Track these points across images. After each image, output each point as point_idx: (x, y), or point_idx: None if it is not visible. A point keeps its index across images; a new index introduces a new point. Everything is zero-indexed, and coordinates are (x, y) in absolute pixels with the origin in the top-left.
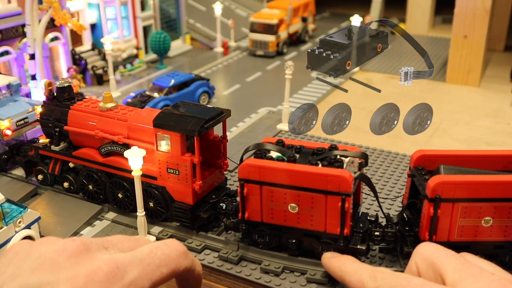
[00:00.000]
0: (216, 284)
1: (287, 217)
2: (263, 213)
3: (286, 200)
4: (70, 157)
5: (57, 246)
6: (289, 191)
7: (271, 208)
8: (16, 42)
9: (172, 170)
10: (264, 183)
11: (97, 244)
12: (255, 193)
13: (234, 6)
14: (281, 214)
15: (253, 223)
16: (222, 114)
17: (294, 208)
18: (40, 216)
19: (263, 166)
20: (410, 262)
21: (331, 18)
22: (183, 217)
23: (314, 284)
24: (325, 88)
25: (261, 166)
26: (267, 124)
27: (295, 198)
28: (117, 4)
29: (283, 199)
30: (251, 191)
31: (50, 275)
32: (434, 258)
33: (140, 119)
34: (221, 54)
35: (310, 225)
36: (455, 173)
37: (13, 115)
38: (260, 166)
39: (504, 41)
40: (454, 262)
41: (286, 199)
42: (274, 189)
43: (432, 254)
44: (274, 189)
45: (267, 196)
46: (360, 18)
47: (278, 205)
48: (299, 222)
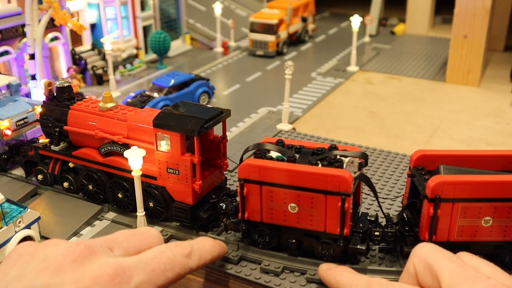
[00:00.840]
0: (216, 284)
1: (287, 217)
2: (263, 213)
3: (286, 200)
4: (70, 157)
5: (62, 249)
6: (289, 191)
7: (271, 208)
8: (16, 42)
9: (172, 170)
10: (264, 183)
11: (101, 246)
12: (255, 193)
13: (234, 6)
14: (281, 214)
15: (253, 223)
16: (222, 114)
17: (294, 208)
18: (40, 216)
19: (263, 166)
20: (408, 263)
21: (331, 18)
22: (183, 217)
23: (314, 284)
24: (325, 88)
25: (261, 166)
26: (267, 124)
27: (295, 198)
28: (117, 4)
29: (283, 199)
30: (251, 191)
31: (56, 277)
32: (431, 260)
33: (140, 119)
34: (221, 54)
35: (310, 225)
36: (455, 173)
37: (13, 115)
38: (260, 166)
39: (504, 41)
40: (450, 265)
41: (286, 199)
42: (274, 189)
43: (429, 256)
44: (274, 189)
45: (267, 196)
46: (360, 18)
47: (278, 205)
48: (299, 222)
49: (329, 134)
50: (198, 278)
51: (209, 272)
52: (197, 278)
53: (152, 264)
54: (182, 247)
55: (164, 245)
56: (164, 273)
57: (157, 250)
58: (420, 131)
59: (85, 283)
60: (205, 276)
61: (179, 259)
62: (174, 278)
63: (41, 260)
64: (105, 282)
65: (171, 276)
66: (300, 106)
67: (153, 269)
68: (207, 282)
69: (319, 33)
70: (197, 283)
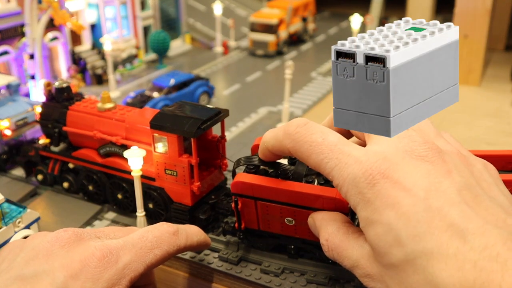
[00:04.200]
0: (216, 284)
1: (284, 228)
2: (260, 223)
3: (282, 214)
4: (69, 157)
5: (50, 237)
6: (284, 207)
7: (267, 220)
8: (16, 42)
9: (170, 171)
10: (258, 198)
11: (89, 233)
12: (250, 206)
13: (234, 5)
14: (278, 225)
15: (250, 230)
16: (220, 114)
17: (290, 221)
18: (39, 216)
19: (256, 184)
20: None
21: (331, 18)
22: (182, 218)
23: (314, 284)
24: (325, 88)
25: (254, 184)
26: (267, 124)
27: (291, 214)
28: (117, 4)
29: (278, 213)
30: (246, 204)
31: (45, 264)
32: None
33: (137, 120)
34: (221, 53)
35: (307, 236)
36: None
37: (12, 115)
38: (253, 184)
39: (505, 41)
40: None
41: (281, 213)
42: (269, 204)
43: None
44: (269, 204)
45: (262, 209)
46: (360, 18)
47: (274, 217)
48: (296, 233)
49: None
50: (198, 279)
51: (210, 273)
52: (197, 278)
53: (139, 244)
54: (168, 226)
55: (150, 226)
56: (151, 250)
57: (143, 230)
58: None
59: (74, 266)
60: (206, 276)
61: (165, 236)
62: (163, 255)
63: (30, 250)
64: (93, 264)
65: (159, 254)
66: (300, 106)
67: (140, 247)
68: (208, 282)
69: (319, 33)
70: (197, 283)
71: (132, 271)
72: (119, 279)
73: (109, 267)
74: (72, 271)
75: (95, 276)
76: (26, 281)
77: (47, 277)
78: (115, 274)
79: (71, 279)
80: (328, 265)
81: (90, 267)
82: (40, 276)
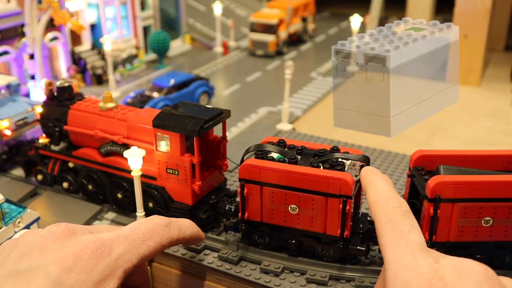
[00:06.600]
0: (216, 284)
1: (287, 217)
2: (263, 213)
3: (286, 201)
4: (70, 157)
5: (43, 232)
6: (290, 192)
7: (271, 209)
8: (16, 42)
9: (171, 170)
10: (265, 183)
11: (81, 228)
12: (256, 193)
13: (234, 5)
14: (281, 214)
15: (253, 223)
16: (222, 114)
17: (294, 209)
18: (39, 216)
19: (264, 167)
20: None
21: (331, 18)
22: (183, 218)
23: (313, 284)
24: (325, 88)
25: (262, 167)
26: (267, 124)
27: (295, 200)
28: (117, 4)
29: (283, 200)
30: (252, 191)
31: (39, 259)
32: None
33: (139, 119)
34: (221, 54)
35: (310, 226)
36: (454, 173)
37: (12, 115)
38: (261, 167)
39: (505, 41)
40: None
41: (286, 200)
42: (275, 190)
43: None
44: (274, 190)
45: (267, 196)
46: (360, 18)
47: (278, 205)
48: (299, 223)
49: (329, 134)
50: (198, 279)
51: (209, 273)
52: (197, 278)
53: (131, 235)
54: (160, 218)
55: (143, 219)
56: (144, 242)
57: (136, 223)
58: (420, 131)
59: (67, 260)
60: (205, 276)
61: (158, 228)
62: (156, 247)
63: (23, 246)
64: (87, 256)
65: (152, 246)
66: (300, 106)
67: (133, 239)
68: (207, 282)
69: (319, 33)
70: (197, 283)
71: (125, 262)
72: (113, 270)
73: (103, 258)
74: (66, 264)
75: (89, 267)
76: (20, 276)
77: (41, 271)
78: (108, 265)
79: (65, 272)
80: (328, 264)
81: (84, 259)
82: (34, 271)
